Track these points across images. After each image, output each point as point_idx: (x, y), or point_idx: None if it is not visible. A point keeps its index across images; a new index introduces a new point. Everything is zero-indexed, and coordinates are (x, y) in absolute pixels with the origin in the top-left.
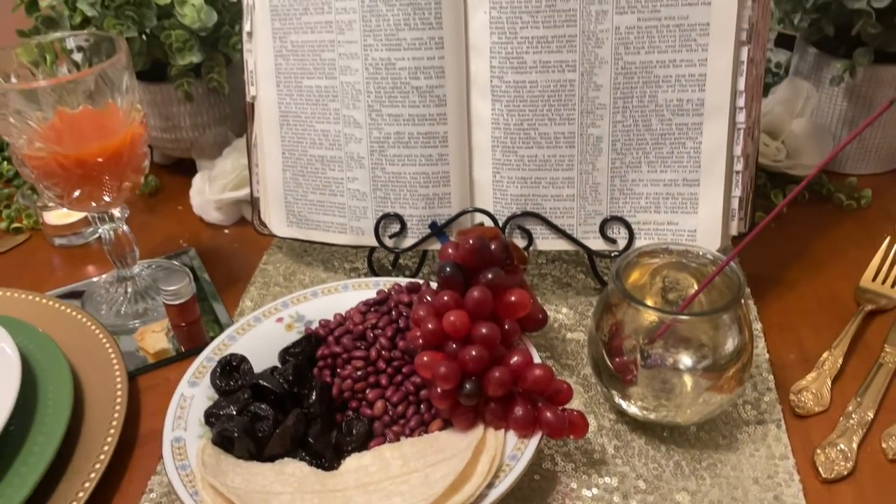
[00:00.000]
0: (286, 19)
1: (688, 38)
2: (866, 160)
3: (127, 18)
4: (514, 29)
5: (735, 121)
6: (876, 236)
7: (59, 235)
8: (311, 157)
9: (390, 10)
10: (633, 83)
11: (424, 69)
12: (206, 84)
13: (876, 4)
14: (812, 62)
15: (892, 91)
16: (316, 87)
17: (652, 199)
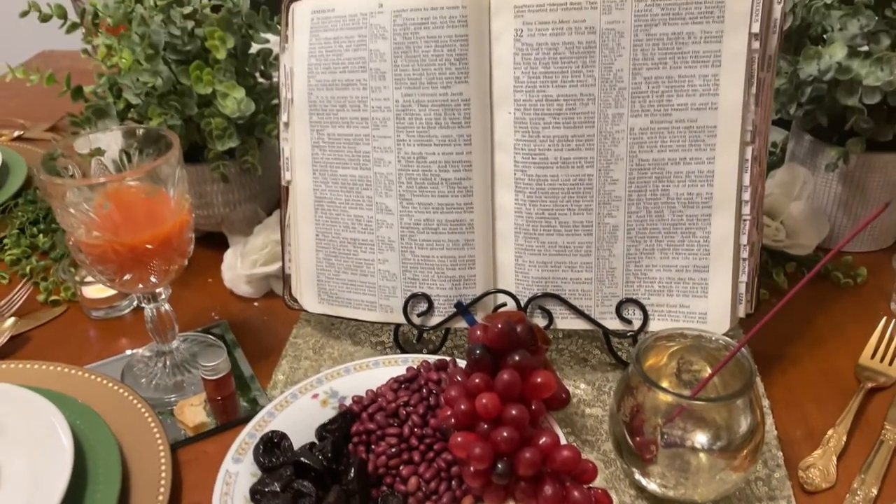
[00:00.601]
0: (324, 114)
1: (697, 139)
2: (861, 239)
3: (170, 108)
4: (537, 128)
5: (741, 212)
6: (872, 313)
7: (96, 308)
8: (344, 240)
9: (423, 109)
10: (646, 178)
11: (453, 163)
12: (240, 165)
13: (867, 101)
14: (808, 148)
15: (883, 176)
16: (350, 176)
17: (665, 284)
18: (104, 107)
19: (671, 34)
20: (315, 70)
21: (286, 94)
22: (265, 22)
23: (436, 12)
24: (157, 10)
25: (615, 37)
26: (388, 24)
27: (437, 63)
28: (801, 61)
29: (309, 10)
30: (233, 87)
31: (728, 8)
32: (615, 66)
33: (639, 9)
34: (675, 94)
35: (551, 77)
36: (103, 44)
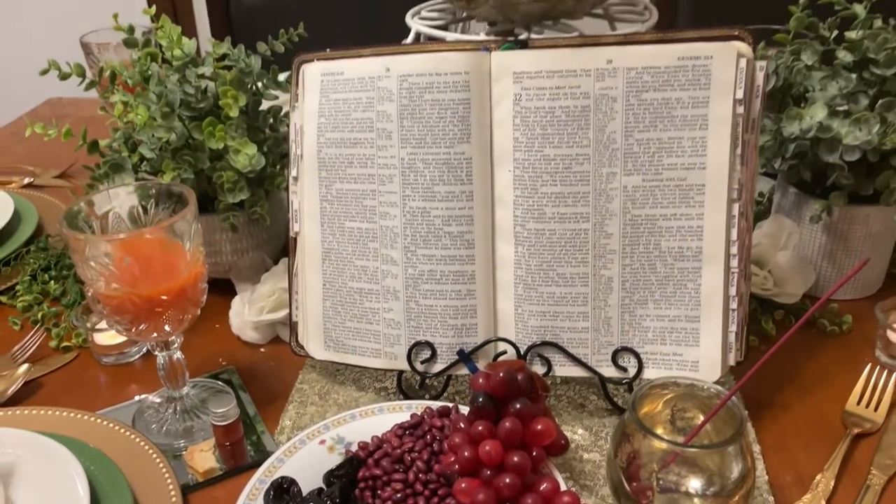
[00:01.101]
0: (333, 170)
1: (686, 196)
2: (846, 288)
3: (184, 162)
4: (535, 186)
5: (729, 265)
6: (858, 360)
7: (107, 354)
8: (351, 289)
9: (427, 167)
10: (639, 233)
11: (456, 217)
12: (249, 216)
13: (847, 158)
14: (793, 201)
15: (865, 228)
16: (357, 229)
17: (658, 333)
18: (120, 161)
19: (661, 99)
20: (324, 129)
21: (296, 150)
22: (275, 80)
23: (440, 77)
24: (173, 70)
25: (608, 102)
26: (395, 88)
27: (440, 124)
28: (784, 120)
29: (319, 73)
30: (245, 144)
31: (714, 76)
32: (608, 128)
33: (630, 76)
34: (665, 155)
35: (548, 138)
36: (120, 101)
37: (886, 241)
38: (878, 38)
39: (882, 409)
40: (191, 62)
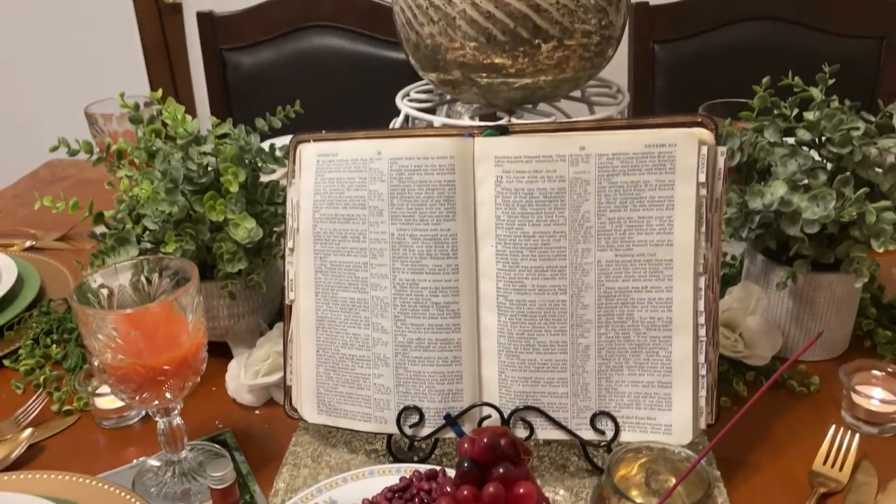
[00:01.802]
0: (327, 243)
1: (656, 271)
2: (813, 349)
3: (185, 234)
4: (516, 260)
5: (698, 334)
6: (825, 420)
7: (107, 418)
8: (343, 356)
9: (415, 242)
10: (613, 304)
11: (442, 289)
12: (246, 283)
13: (808, 230)
14: (760, 267)
15: (829, 293)
16: (350, 299)
17: (633, 398)
18: (125, 235)
19: (630, 182)
20: (320, 205)
21: (292, 224)
22: (273, 156)
23: (427, 161)
24: (177, 147)
25: (582, 184)
26: (386, 169)
27: (428, 203)
28: (748, 195)
29: (315, 153)
30: (244, 218)
31: (678, 161)
32: (583, 208)
33: (602, 161)
34: (635, 233)
35: (528, 217)
36: (126, 175)
37: (850, 305)
38: (834, 118)
39: (846, 469)
40: (194, 140)
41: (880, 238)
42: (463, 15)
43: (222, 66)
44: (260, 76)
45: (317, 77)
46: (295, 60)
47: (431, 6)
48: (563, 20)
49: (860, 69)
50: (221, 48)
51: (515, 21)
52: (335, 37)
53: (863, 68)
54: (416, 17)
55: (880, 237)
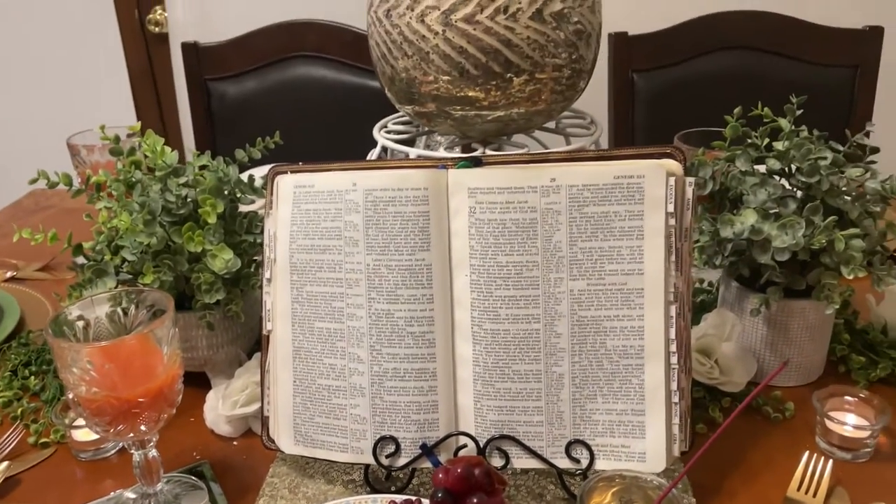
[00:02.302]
0: (303, 274)
1: (627, 299)
2: (788, 375)
3: (164, 265)
4: (490, 289)
5: (670, 362)
6: (800, 446)
7: (84, 450)
8: (319, 386)
9: (390, 272)
10: (586, 332)
11: (418, 318)
12: (224, 313)
13: (779, 258)
14: (735, 294)
15: (802, 320)
16: (326, 329)
17: (607, 426)
18: (103, 266)
19: (600, 213)
20: (296, 236)
21: (270, 255)
22: (252, 187)
23: (402, 192)
24: (155, 179)
25: (553, 215)
26: (361, 201)
27: (402, 234)
28: (719, 224)
29: (292, 185)
30: (222, 249)
31: (646, 192)
32: (554, 238)
33: (572, 192)
34: (606, 262)
35: (501, 247)
36: (104, 207)
37: (823, 331)
38: (803, 148)
39: (820, 494)
40: (172, 172)
41: (850, 265)
42: (436, 49)
43: (207, 95)
44: (244, 105)
45: (301, 106)
46: (279, 90)
47: (405, 41)
48: (533, 55)
49: (836, 97)
50: (206, 78)
51: (487, 56)
52: (320, 66)
53: (838, 96)
54: (390, 52)
55: (850, 264)
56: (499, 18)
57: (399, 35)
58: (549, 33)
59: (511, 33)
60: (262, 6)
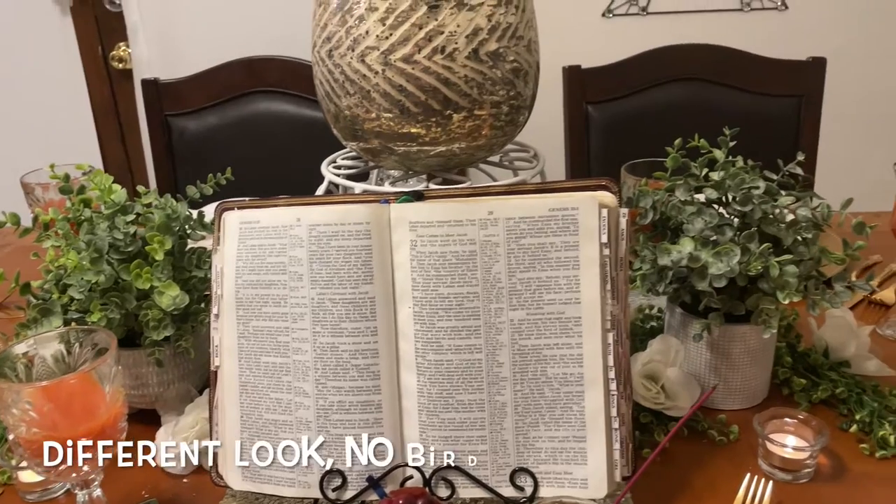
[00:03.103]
0: (249, 309)
1: (566, 328)
2: (732, 399)
3: (111, 302)
4: (433, 320)
5: (609, 389)
6: (743, 468)
7: (31, 492)
8: (266, 421)
9: (335, 306)
10: (527, 361)
11: (362, 351)
12: (174, 349)
13: (716, 284)
14: (679, 320)
15: (743, 344)
16: (272, 363)
17: (550, 453)
18: (50, 306)
19: (537, 244)
20: (242, 271)
21: (217, 290)
22: (201, 223)
23: (345, 227)
24: (102, 217)
25: (492, 247)
26: (305, 236)
27: (346, 268)
28: (658, 253)
29: (238, 221)
30: (169, 286)
31: (581, 223)
32: (493, 269)
33: (509, 225)
34: (544, 292)
35: (442, 279)
36: (52, 246)
37: (765, 355)
38: (737, 178)
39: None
40: (120, 210)
41: (785, 290)
42: (377, 88)
43: (167, 131)
44: (205, 141)
45: (261, 140)
46: (240, 124)
47: (347, 80)
48: (471, 92)
49: (783, 126)
50: (166, 114)
51: (426, 94)
52: (280, 101)
53: (785, 125)
54: (333, 90)
55: (785, 289)
56: (436, 58)
57: (341, 74)
58: (485, 72)
59: (449, 72)
60: (224, 43)
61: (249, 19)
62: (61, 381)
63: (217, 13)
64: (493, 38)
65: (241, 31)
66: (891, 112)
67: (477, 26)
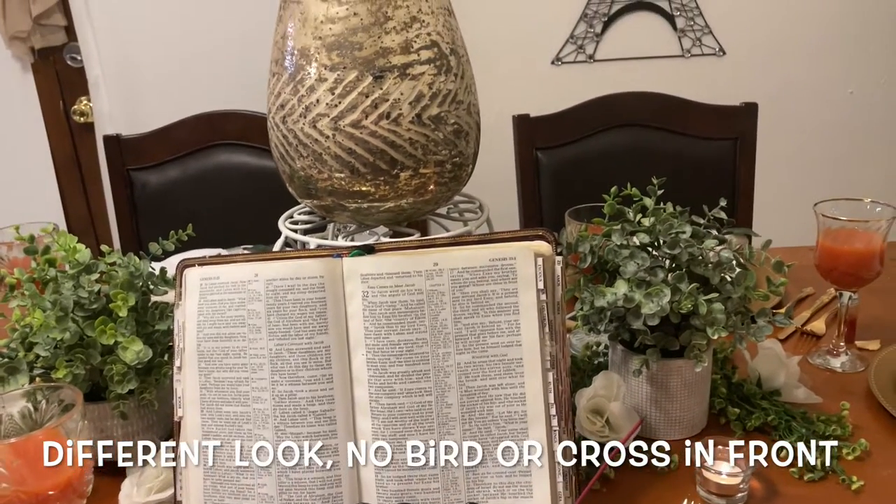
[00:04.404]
0: (211, 361)
1: (509, 368)
2: (673, 428)
3: (77, 358)
4: (385, 366)
5: (551, 425)
6: (683, 495)
7: None
8: (228, 468)
9: (292, 356)
10: (474, 401)
11: (319, 398)
12: (139, 402)
13: (650, 323)
14: (620, 356)
15: (680, 378)
16: (233, 412)
17: (498, 488)
18: (16, 364)
19: (480, 292)
20: (203, 325)
21: (179, 344)
22: (164, 279)
23: (300, 281)
24: (67, 276)
25: (438, 295)
26: (263, 290)
27: (302, 319)
28: (594, 295)
29: (198, 277)
30: (133, 341)
31: (518, 272)
32: (440, 316)
33: (453, 275)
34: (488, 335)
35: (393, 326)
36: (18, 306)
37: (701, 387)
38: (666, 223)
39: None
40: (85, 269)
41: (714, 326)
42: (328, 151)
43: (129, 185)
44: (167, 194)
45: (223, 192)
46: (201, 177)
47: (301, 143)
48: (416, 153)
49: (720, 167)
50: (128, 168)
51: (374, 155)
52: (241, 154)
53: (722, 166)
54: (288, 153)
55: (714, 325)
56: (383, 123)
57: (295, 139)
58: (429, 134)
59: (395, 136)
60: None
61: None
62: (30, 437)
63: (176, 67)
64: (435, 104)
65: (201, 84)
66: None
67: (419, 93)
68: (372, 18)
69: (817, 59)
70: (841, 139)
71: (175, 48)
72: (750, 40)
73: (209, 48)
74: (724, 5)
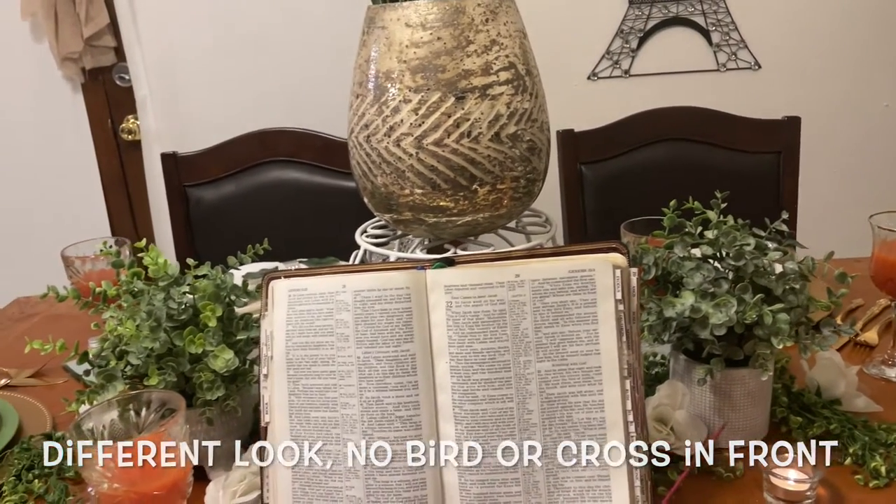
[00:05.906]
0: (299, 368)
1: (588, 377)
2: (736, 437)
3: (167, 367)
4: (468, 374)
5: (628, 431)
6: (750, 501)
7: None
8: (316, 471)
9: (379, 363)
10: (554, 408)
11: (404, 404)
12: (223, 408)
13: (717, 333)
14: (683, 366)
15: (743, 387)
16: (322, 418)
17: (578, 492)
18: (113, 372)
19: (560, 302)
20: (292, 335)
21: (267, 352)
22: (246, 291)
23: (387, 292)
24: (159, 289)
25: (519, 306)
26: (350, 300)
27: (388, 328)
28: (663, 305)
29: (286, 289)
30: (223, 350)
31: (598, 283)
32: (521, 326)
33: (534, 286)
34: (568, 344)
35: (476, 336)
36: (111, 316)
37: (763, 396)
38: (729, 236)
39: None
40: (174, 282)
41: (778, 336)
42: (411, 168)
43: (185, 201)
44: (222, 209)
45: (276, 208)
46: (255, 193)
47: (384, 161)
48: (494, 169)
49: (764, 180)
50: (184, 185)
51: (455, 172)
52: (293, 170)
53: (766, 179)
54: (370, 170)
55: (778, 335)
56: (463, 141)
57: (378, 157)
58: (506, 151)
59: (474, 153)
60: (228, 113)
61: (249, 94)
62: (140, 439)
63: (219, 88)
64: (512, 123)
65: (242, 103)
66: (863, 163)
67: (498, 113)
68: (454, 42)
69: (851, 73)
70: (877, 152)
71: (218, 70)
72: (785, 54)
73: (251, 71)
74: (760, 20)
